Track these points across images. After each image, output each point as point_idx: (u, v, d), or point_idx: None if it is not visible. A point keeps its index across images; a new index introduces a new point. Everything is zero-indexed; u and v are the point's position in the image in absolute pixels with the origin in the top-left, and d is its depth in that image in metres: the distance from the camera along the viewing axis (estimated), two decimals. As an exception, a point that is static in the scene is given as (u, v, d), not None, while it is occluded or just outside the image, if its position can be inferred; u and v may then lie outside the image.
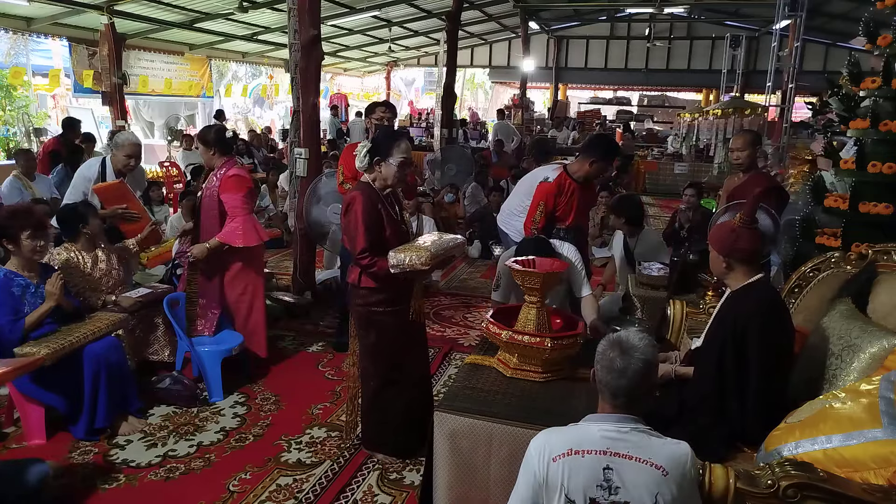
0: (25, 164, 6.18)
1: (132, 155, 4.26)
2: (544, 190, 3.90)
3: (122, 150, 4.25)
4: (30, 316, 3.06)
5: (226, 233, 3.71)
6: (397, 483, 2.92)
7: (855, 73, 3.15)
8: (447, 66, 10.29)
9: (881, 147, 2.96)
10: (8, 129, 10.34)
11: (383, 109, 4.07)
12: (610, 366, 1.70)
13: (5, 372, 2.59)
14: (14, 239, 3.11)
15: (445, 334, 4.90)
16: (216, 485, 2.86)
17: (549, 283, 2.52)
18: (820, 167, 3.98)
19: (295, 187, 5.34)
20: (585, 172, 3.90)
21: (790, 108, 11.68)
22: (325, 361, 4.29)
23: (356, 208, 2.84)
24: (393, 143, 2.88)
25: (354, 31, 13.83)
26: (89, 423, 3.16)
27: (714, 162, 12.41)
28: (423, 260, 2.70)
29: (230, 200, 3.71)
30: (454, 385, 2.45)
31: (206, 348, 3.70)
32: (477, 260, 7.36)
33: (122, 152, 4.25)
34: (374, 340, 2.97)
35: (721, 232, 2.36)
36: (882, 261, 2.58)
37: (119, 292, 3.79)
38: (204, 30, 11.27)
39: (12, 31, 9.00)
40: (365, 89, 21.11)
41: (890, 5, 2.98)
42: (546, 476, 1.64)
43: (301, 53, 5.02)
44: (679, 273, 3.69)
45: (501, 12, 15.00)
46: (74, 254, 3.66)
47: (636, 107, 20.01)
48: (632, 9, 15.86)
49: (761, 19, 14.91)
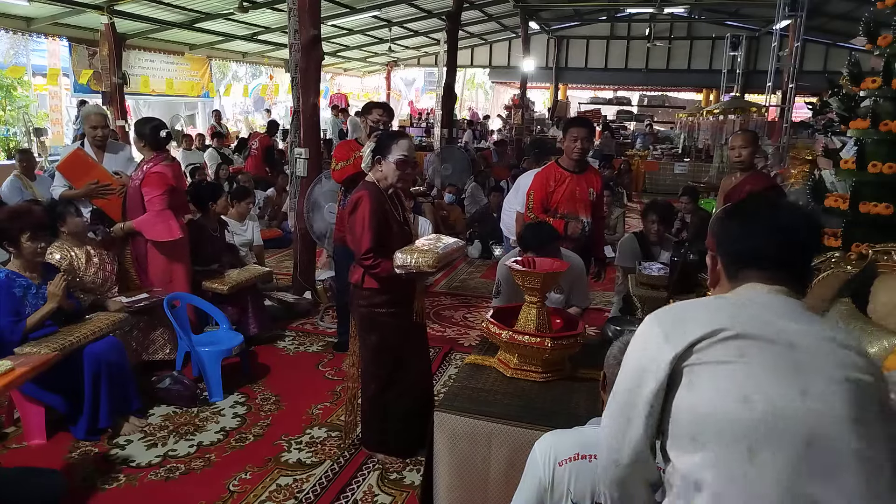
0: (25, 165, 6.19)
1: (97, 125, 4.27)
2: (535, 180, 4.10)
3: (88, 121, 4.32)
4: (31, 317, 3.06)
5: (141, 221, 3.99)
6: (397, 483, 2.92)
7: (855, 73, 3.15)
8: (447, 66, 10.29)
9: (881, 147, 2.96)
10: (8, 129, 10.35)
11: (380, 112, 4.06)
12: None
13: (24, 372, 2.61)
14: (14, 241, 3.10)
15: (445, 334, 4.90)
16: (216, 485, 2.86)
17: (549, 282, 2.52)
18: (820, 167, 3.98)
19: (295, 187, 5.35)
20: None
21: (790, 108, 11.68)
22: (325, 361, 4.29)
23: (363, 208, 2.82)
24: (393, 142, 2.89)
25: (354, 31, 13.83)
26: (91, 422, 3.16)
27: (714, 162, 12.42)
28: (429, 262, 2.70)
29: (149, 194, 3.96)
30: (454, 385, 2.45)
31: (206, 348, 3.71)
32: (477, 260, 7.37)
33: (87, 124, 4.32)
34: (375, 341, 2.96)
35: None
36: (882, 261, 2.59)
37: (113, 293, 3.79)
38: (204, 30, 11.28)
39: (12, 31, 9.00)
40: (365, 89, 21.12)
41: (890, 5, 2.98)
42: (552, 480, 1.62)
43: (301, 53, 5.02)
44: (679, 273, 3.68)
45: (501, 12, 15.00)
46: (67, 251, 3.65)
47: (636, 107, 20.02)
48: (632, 9, 15.86)
49: (761, 19, 14.92)
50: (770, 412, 1.12)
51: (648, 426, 1.22)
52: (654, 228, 4.30)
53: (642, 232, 4.48)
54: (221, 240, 4.69)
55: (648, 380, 1.21)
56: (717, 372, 1.16)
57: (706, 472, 1.15)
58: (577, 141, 3.89)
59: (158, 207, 3.95)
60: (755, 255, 1.28)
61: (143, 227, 3.98)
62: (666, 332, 1.23)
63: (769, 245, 1.28)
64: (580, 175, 3.98)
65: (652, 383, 1.21)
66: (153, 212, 3.96)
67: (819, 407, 1.12)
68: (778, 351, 1.17)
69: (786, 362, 1.16)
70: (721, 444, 1.14)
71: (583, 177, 4.00)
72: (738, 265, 1.31)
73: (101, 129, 4.30)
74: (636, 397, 1.23)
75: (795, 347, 1.17)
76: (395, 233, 2.91)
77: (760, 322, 1.20)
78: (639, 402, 1.22)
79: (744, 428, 1.13)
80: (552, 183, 3.94)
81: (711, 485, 1.14)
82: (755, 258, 1.29)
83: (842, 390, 1.13)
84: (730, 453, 1.13)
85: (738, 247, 1.32)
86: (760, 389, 1.14)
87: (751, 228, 1.30)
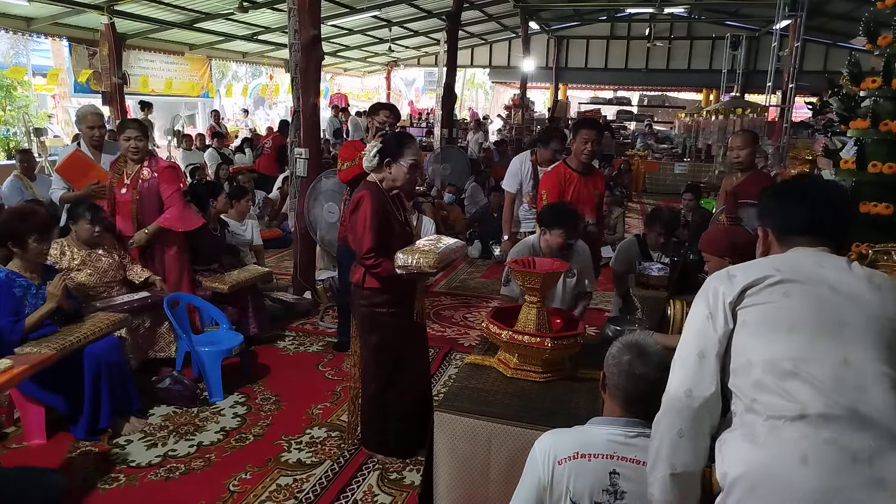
0: (25, 165, 6.19)
1: (94, 125, 4.28)
2: (543, 180, 4.15)
3: (84, 122, 4.31)
4: (30, 317, 3.05)
5: (169, 218, 4.03)
6: (397, 483, 2.92)
7: (855, 73, 3.15)
8: (447, 66, 10.29)
9: (881, 147, 2.96)
10: (8, 129, 10.35)
11: (387, 113, 4.06)
12: (629, 370, 1.67)
13: (23, 370, 2.61)
14: (22, 242, 3.09)
15: (445, 334, 4.90)
16: (216, 485, 2.86)
17: (549, 282, 2.52)
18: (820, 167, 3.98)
19: (295, 187, 5.35)
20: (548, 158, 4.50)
21: (790, 108, 11.67)
22: (325, 361, 4.29)
23: (365, 207, 2.82)
24: (405, 146, 2.90)
25: (354, 31, 13.83)
26: (91, 422, 3.16)
27: (714, 162, 12.41)
28: (430, 262, 2.71)
29: (167, 191, 4.04)
30: (454, 385, 2.45)
31: (206, 348, 3.70)
32: (477, 260, 7.36)
33: (84, 124, 4.31)
34: (376, 341, 2.97)
35: (714, 236, 2.37)
36: (882, 261, 2.59)
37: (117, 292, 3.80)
38: (204, 30, 11.27)
39: (12, 31, 9.01)
40: (365, 89, 21.12)
41: (890, 5, 2.98)
42: (551, 479, 1.63)
43: (301, 53, 5.02)
44: (679, 273, 3.68)
45: (501, 12, 14.99)
46: (66, 249, 3.66)
47: (636, 107, 20.01)
48: (632, 9, 15.84)
49: (761, 19, 14.90)
50: (810, 339, 1.33)
51: (718, 363, 1.42)
52: (659, 240, 4.24)
53: (643, 236, 4.44)
54: (221, 240, 4.69)
55: (716, 321, 1.43)
56: (766, 310, 1.39)
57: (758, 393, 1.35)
58: (588, 143, 3.91)
59: (181, 201, 4.09)
60: (803, 225, 1.51)
61: (172, 223, 4.03)
62: (723, 283, 1.46)
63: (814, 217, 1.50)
64: (587, 176, 4.01)
65: (719, 324, 1.43)
66: (178, 206, 4.05)
67: (855, 338, 1.32)
68: (819, 291, 1.37)
69: (827, 301, 1.36)
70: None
71: (590, 178, 4.03)
72: (787, 234, 1.53)
73: (98, 129, 4.30)
74: (706, 339, 1.44)
75: (836, 290, 1.37)
76: (396, 233, 2.91)
77: (804, 270, 1.42)
78: (708, 341, 1.44)
79: (789, 353, 1.33)
80: (563, 183, 3.95)
81: (763, 404, 1.33)
82: (803, 228, 1.51)
83: (877, 328, 1.33)
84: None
85: (788, 220, 1.54)
86: (804, 320, 1.35)
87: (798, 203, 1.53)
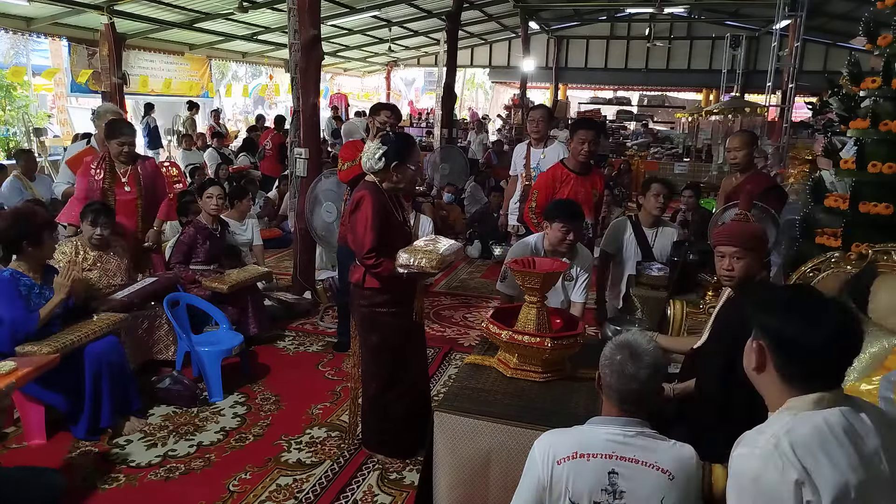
0: (25, 165, 6.19)
1: (126, 142, 4.25)
2: (539, 179, 4.12)
3: (103, 118, 4.39)
4: (43, 308, 3.06)
5: (167, 212, 4.47)
6: (397, 483, 2.92)
7: (855, 73, 3.16)
8: (447, 66, 10.29)
9: (881, 147, 2.96)
10: (8, 129, 10.35)
11: (388, 114, 4.06)
12: (621, 370, 1.67)
13: (27, 372, 2.61)
14: (38, 240, 3.09)
15: (445, 334, 4.90)
16: (216, 485, 2.86)
17: (549, 282, 2.52)
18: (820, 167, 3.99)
19: (295, 187, 5.35)
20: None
21: (790, 108, 11.68)
22: (325, 361, 4.29)
23: (366, 207, 2.81)
24: (411, 149, 2.93)
25: (354, 31, 13.83)
26: (92, 422, 3.15)
27: (714, 162, 12.42)
28: (432, 263, 2.71)
29: (163, 185, 4.54)
30: (454, 385, 2.45)
31: (205, 348, 3.70)
32: (477, 260, 7.36)
33: (103, 121, 4.37)
34: (376, 341, 2.97)
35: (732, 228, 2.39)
36: (882, 261, 2.59)
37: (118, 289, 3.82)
38: (204, 30, 11.27)
39: (12, 31, 9.00)
40: (365, 89, 21.12)
41: (890, 5, 2.99)
42: (550, 479, 1.63)
43: (301, 53, 5.02)
44: (679, 273, 3.68)
45: (501, 12, 14.99)
46: (78, 247, 3.69)
47: (636, 107, 19.99)
48: (632, 9, 15.84)
49: (761, 19, 14.90)
50: None
51: None
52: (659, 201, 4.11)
53: (637, 217, 4.32)
54: (221, 240, 4.69)
55: None
56: None
57: None
58: (585, 143, 3.91)
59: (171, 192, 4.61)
60: (818, 374, 1.34)
61: (170, 216, 4.57)
62: None
63: (833, 362, 1.34)
64: (585, 176, 4.00)
65: None
66: (168, 199, 4.50)
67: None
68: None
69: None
70: None
71: (587, 178, 4.02)
72: (799, 378, 1.35)
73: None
74: None
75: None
76: (396, 233, 2.91)
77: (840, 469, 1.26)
78: None
79: None
80: (557, 184, 3.95)
81: None
82: (818, 376, 1.34)
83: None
84: None
85: (804, 368, 1.35)
86: None
87: (817, 349, 1.32)
